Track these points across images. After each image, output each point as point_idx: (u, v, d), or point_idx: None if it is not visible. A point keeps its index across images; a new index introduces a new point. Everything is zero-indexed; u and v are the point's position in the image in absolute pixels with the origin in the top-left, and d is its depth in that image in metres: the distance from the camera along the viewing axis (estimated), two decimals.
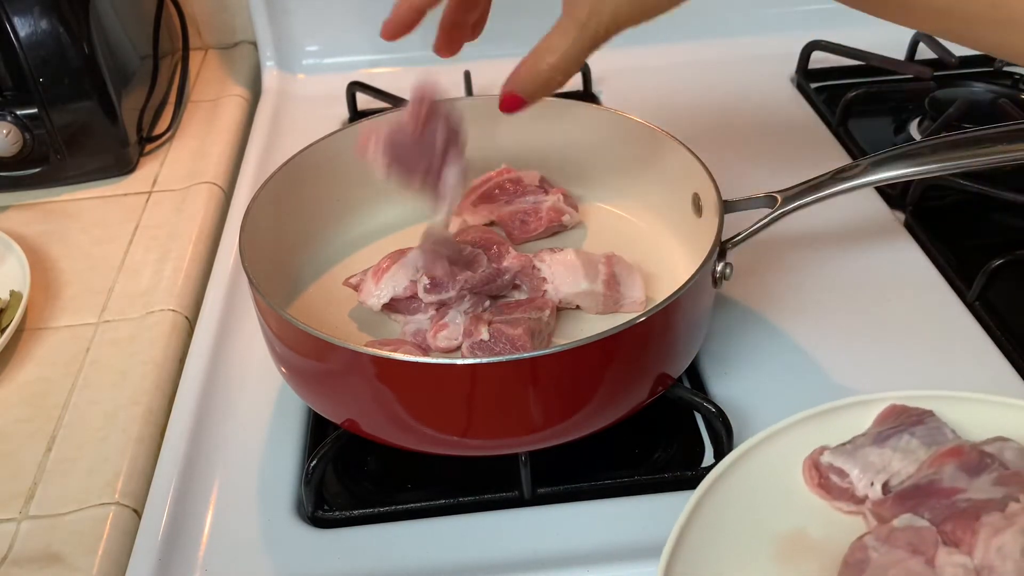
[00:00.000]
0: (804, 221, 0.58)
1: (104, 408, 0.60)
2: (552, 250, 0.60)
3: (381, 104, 0.88)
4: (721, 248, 0.54)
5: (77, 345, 0.66)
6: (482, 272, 0.57)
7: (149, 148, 0.88)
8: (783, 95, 0.91)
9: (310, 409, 0.59)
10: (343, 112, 0.91)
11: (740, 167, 0.68)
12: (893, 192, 0.74)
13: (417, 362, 0.47)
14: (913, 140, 0.72)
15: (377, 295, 0.57)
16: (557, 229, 0.67)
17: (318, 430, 0.57)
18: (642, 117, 0.65)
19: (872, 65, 0.90)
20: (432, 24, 0.55)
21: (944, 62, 0.89)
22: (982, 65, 0.91)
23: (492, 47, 0.97)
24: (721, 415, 0.53)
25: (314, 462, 0.52)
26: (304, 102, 0.96)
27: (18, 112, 0.78)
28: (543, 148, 0.70)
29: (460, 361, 0.47)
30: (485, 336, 0.53)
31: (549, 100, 0.70)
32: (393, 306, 0.58)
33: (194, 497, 0.54)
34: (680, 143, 0.61)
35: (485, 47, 0.97)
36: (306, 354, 0.51)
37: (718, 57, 0.96)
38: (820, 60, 0.93)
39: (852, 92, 0.85)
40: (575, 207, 0.68)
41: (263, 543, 0.51)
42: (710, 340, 0.61)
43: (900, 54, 0.92)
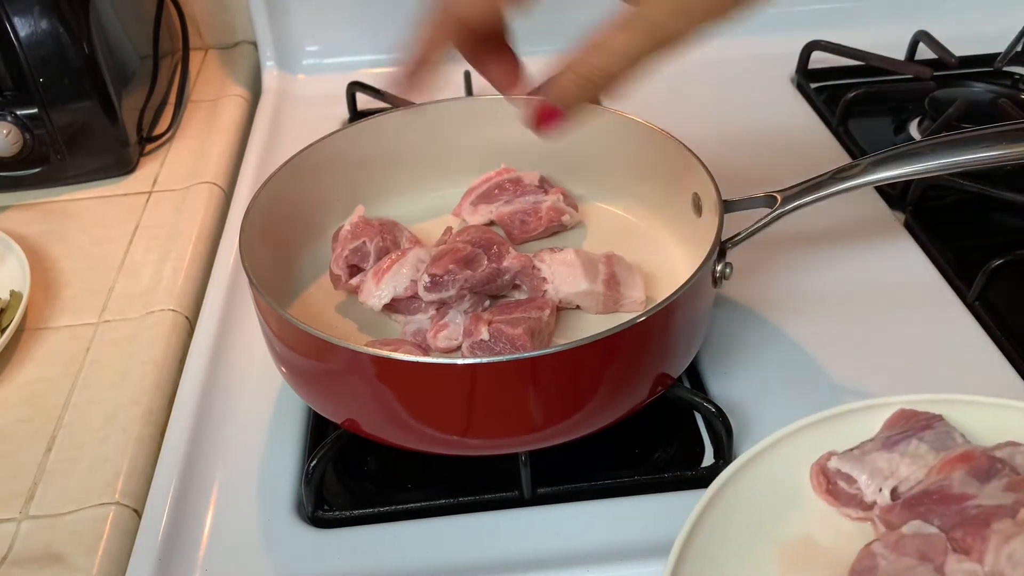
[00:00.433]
0: (804, 221, 0.58)
1: (104, 408, 0.60)
2: (552, 250, 0.60)
3: (381, 104, 0.88)
4: (721, 248, 0.54)
5: (77, 345, 0.66)
6: (482, 272, 0.57)
7: (149, 148, 0.88)
8: (783, 95, 0.91)
9: (310, 409, 0.59)
10: (343, 112, 0.91)
11: (740, 167, 0.68)
12: (893, 192, 0.74)
13: (417, 362, 0.47)
14: (913, 140, 0.72)
15: (378, 295, 0.57)
16: (557, 229, 0.67)
17: (318, 430, 0.57)
18: (642, 117, 0.65)
19: (872, 65, 0.90)
20: None
21: (944, 62, 0.89)
22: (982, 65, 0.91)
23: None
24: (721, 415, 0.53)
25: (314, 462, 0.52)
26: (304, 102, 0.96)
27: (18, 112, 0.78)
28: (543, 148, 0.70)
29: (460, 361, 0.47)
30: (485, 336, 0.53)
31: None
32: (393, 306, 0.58)
33: (194, 497, 0.54)
34: (680, 143, 0.61)
35: None
36: (306, 354, 0.51)
37: (718, 57, 0.96)
38: (820, 60, 0.92)
39: (852, 92, 0.85)
40: (575, 207, 0.68)
41: (263, 543, 0.51)
42: (710, 340, 0.61)
43: (900, 54, 0.92)
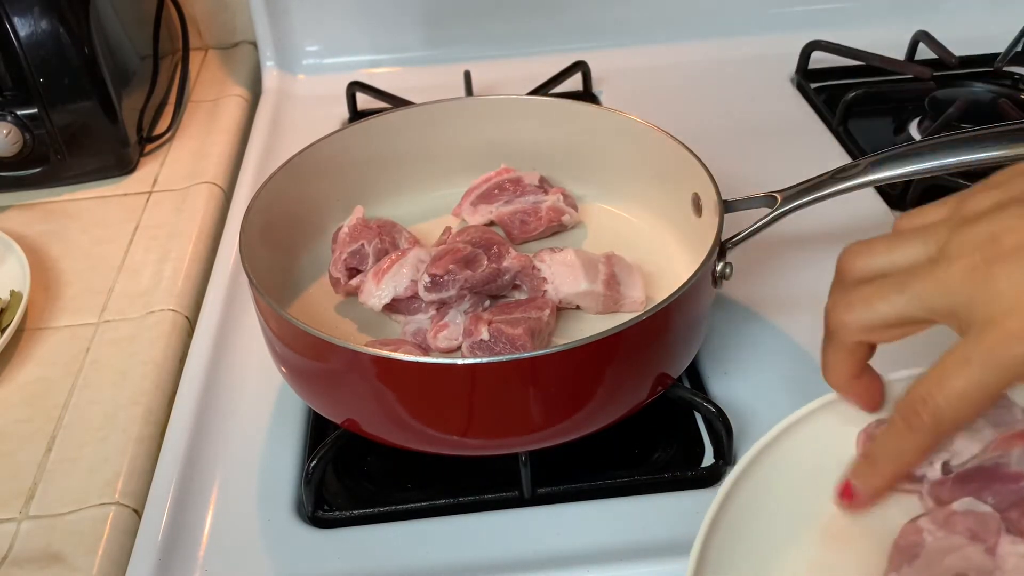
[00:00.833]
0: (804, 221, 0.57)
1: (104, 408, 0.60)
2: (552, 250, 0.60)
3: (381, 104, 0.88)
4: (721, 248, 0.54)
5: (77, 345, 0.66)
6: (482, 272, 0.57)
7: (149, 148, 0.88)
8: (783, 95, 0.91)
9: (310, 409, 0.59)
10: (343, 112, 0.91)
11: (740, 167, 0.68)
12: (893, 192, 0.74)
13: (417, 362, 0.47)
14: (913, 140, 0.72)
15: (378, 295, 0.57)
16: (557, 229, 0.67)
17: (318, 430, 0.57)
18: (642, 117, 0.65)
19: (872, 65, 0.90)
20: (433, 23, 0.54)
21: (944, 62, 0.89)
22: (982, 65, 0.91)
23: (492, 47, 0.98)
24: (721, 415, 0.53)
25: (314, 462, 0.52)
26: (304, 102, 0.96)
27: (18, 112, 0.78)
28: (543, 148, 0.70)
29: (460, 361, 0.47)
30: (485, 336, 0.53)
31: (548, 100, 0.71)
32: (393, 306, 0.58)
33: (194, 497, 0.54)
34: (680, 143, 0.61)
35: (485, 47, 0.98)
36: (306, 354, 0.51)
37: (718, 57, 0.96)
38: (820, 60, 0.92)
39: (852, 92, 0.85)
40: (575, 207, 0.68)
41: (263, 543, 0.51)
42: (710, 340, 0.61)
43: (900, 54, 0.91)
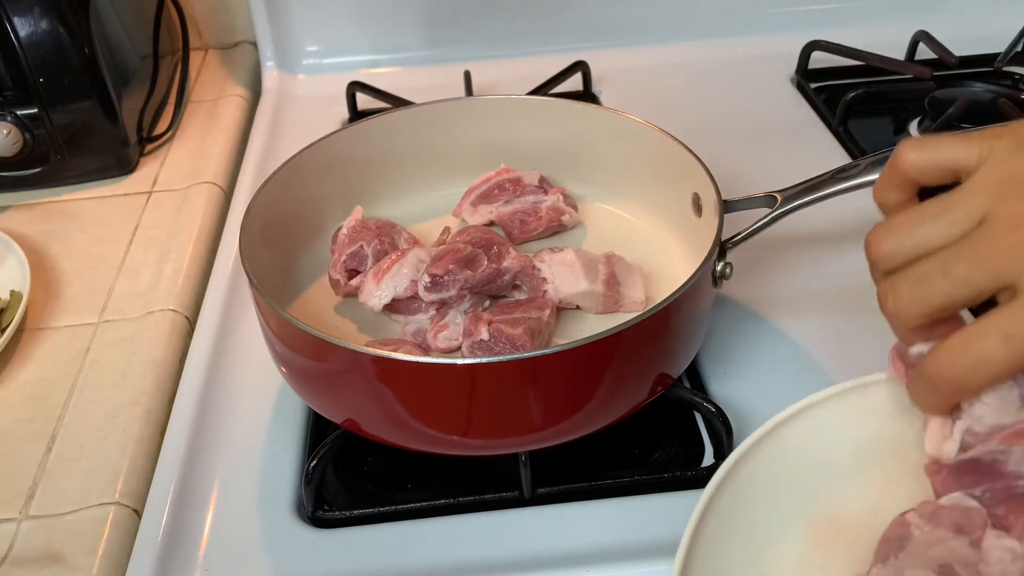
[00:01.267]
0: (804, 221, 0.57)
1: (104, 408, 0.60)
2: (552, 250, 0.60)
3: (381, 104, 0.88)
4: (721, 248, 0.54)
5: (77, 345, 0.66)
6: (482, 272, 0.57)
7: (149, 148, 0.88)
8: (783, 95, 0.91)
9: (310, 409, 0.59)
10: (343, 112, 0.91)
11: (740, 167, 0.68)
12: None
13: (417, 362, 0.47)
14: None
15: (378, 296, 0.57)
16: (557, 229, 0.67)
17: (318, 430, 0.57)
18: (642, 117, 0.65)
19: (872, 65, 0.90)
20: (432, 23, 0.55)
21: (944, 62, 0.88)
22: (982, 65, 0.91)
23: (492, 47, 0.98)
24: (721, 415, 0.53)
25: (314, 462, 0.52)
26: (304, 102, 0.96)
27: (18, 112, 0.78)
28: (543, 148, 0.70)
29: (460, 361, 0.47)
30: (485, 336, 0.53)
31: (548, 100, 0.71)
32: (393, 306, 0.58)
33: (194, 497, 0.54)
34: (680, 143, 0.61)
35: (485, 47, 0.98)
36: (306, 354, 0.51)
37: (718, 57, 0.96)
38: (820, 60, 0.92)
39: (852, 92, 0.85)
40: (575, 207, 0.68)
41: (263, 543, 0.51)
42: (710, 340, 0.61)
43: (900, 54, 0.91)
